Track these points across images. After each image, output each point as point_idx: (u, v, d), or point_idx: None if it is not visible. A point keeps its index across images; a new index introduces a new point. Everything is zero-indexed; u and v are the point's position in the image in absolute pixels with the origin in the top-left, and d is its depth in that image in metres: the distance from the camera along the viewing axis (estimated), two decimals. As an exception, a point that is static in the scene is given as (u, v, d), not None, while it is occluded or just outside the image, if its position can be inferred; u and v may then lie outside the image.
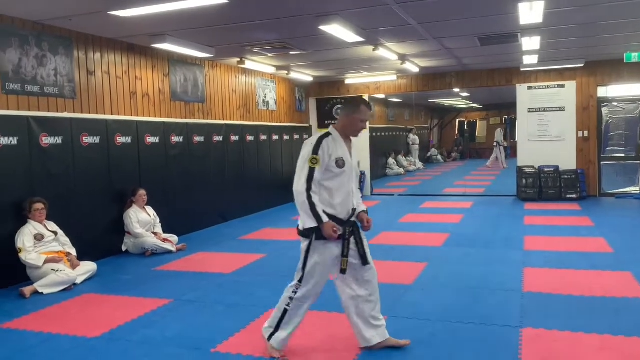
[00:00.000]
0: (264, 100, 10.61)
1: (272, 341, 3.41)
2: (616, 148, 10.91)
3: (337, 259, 3.32)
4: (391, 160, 18.48)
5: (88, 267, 5.63)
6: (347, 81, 12.09)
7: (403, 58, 9.18)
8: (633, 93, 10.71)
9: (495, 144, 19.40)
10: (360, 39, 7.00)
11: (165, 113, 7.79)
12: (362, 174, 11.80)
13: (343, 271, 3.34)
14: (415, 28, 6.82)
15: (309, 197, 3.23)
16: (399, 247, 6.73)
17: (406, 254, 6.33)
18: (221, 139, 8.86)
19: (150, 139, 7.29)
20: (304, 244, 3.34)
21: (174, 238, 7.04)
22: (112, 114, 6.83)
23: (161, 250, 6.68)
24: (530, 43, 8.00)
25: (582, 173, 10.56)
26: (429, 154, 23.67)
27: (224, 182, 8.93)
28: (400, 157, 19.50)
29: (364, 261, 3.39)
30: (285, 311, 3.37)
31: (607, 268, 5.37)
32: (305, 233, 3.31)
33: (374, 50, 7.96)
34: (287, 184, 12.39)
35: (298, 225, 3.39)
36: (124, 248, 6.77)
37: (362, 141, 12.41)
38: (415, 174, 18.81)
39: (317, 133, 3.38)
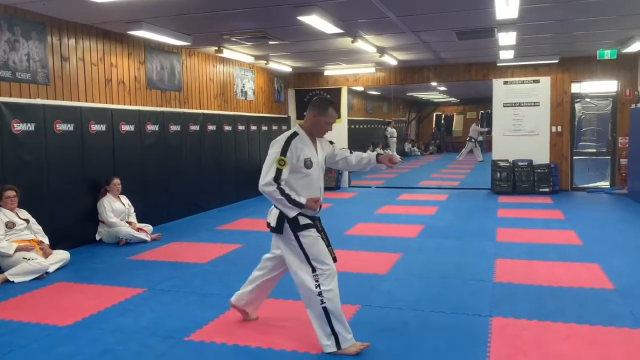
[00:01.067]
0: (242, 90, 10.56)
1: (344, 346, 3.28)
2: (588, 143, 11.16)
3: (320, 236, 3.42)
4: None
5: (61, 256, 5.56)
6: (326, 72, 12.09)
7: (381, 51, 9.22)
8: (605, 90, 10.95)
9: (468, 138, 19.58)
10: (339, 31, 7.00)
11: (140, 101, 7.70)
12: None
13: (335, 259, 3.44)
14: (393, 21, 6.85)
15: (282, 191, 3.27)
16: (374, 238, 6.80)
17: (381, 244, 6.39)
18: (198, 129, 8.79)
19: (126, 127, 7.20)
20: (291, 241, 3.36)
21: (148, 227, 6.98)
22: (86, 101, 6.72)
23: (135, 240, 6.62)
24: (507, 38, 8.10)
25: (555, 167, 10.78)
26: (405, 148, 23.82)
27: (200, 172, 8.88)
28: (379, 150, 19.60)
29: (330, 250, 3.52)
30: (325, 310, 3.26)
31: (575, 260, 5.51)
32: (277, 228, 3.36)
33: (352, 42, 7.98)
34: (264, 175, 12.13)
35: (269, 223, 3.42)
36: (97, 237, 6.70)
37: (340, 133, 12.43)
38: (403, 161, 18.92)
39: (284, 132, 3.47)
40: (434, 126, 26.87)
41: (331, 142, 3.68)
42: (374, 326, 3.77)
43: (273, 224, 3.39)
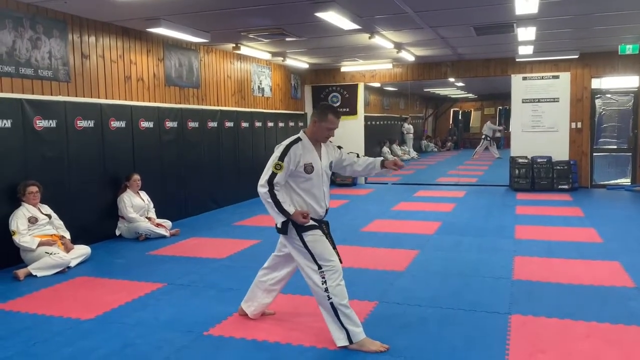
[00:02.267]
0: (259, 86, 10.59)
1: (355, 339, 3.32)
2: (608, 140, 10.99)
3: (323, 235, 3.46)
4: (385, 149, 18.50)
5: (82, 251, 5.65)
6: (342, 69, 12.07)
7: (399, 46, 9.18)
8: (626, 85, 10.76)
9: (483, 136, 19.36)
10: (356, 27, 6.99)
11: (159, 98, 7.77)
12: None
13: (339, 261, 3.45)
14: (411, 16, 6.82)
15: (273, 195, 3.37)
16: (391, 235, 6.79)
17: (399, 241, 6.38)
18: (215, 125, 8.85)
19: (145, 124, 7.28)
20: (295, 241, 3.43)
21: (167, 223, 7.06)
22: (106, 98, 6.81)
23: (155, 235, 6.70)
24: (526, 33, 8.01)
25: (575, 164, 10.64)
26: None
27: (218, 168, 8.94)
28: (395, 146, 19.54)
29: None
30: (332, 305, 3.33)
31: (595, 258, 5.45)
32: (282, 229, 3.44)
33: (369, 38, 7.96)
34: (281, 171, 12.09)
35: (276, 224, 3.49)
36: (117, 232, 6.79)
37: (356, 130, 12.43)
38: (409, 162, 18.82)
39: (289, 137, 3.54)
40: (451, 122, 26.70)
41: (339, 147, 3.72)
42: (392, 323, 3.77)
43: (279, 225, 3.45)
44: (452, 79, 12.80)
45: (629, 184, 10.76)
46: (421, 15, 6.86)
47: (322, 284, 3.35)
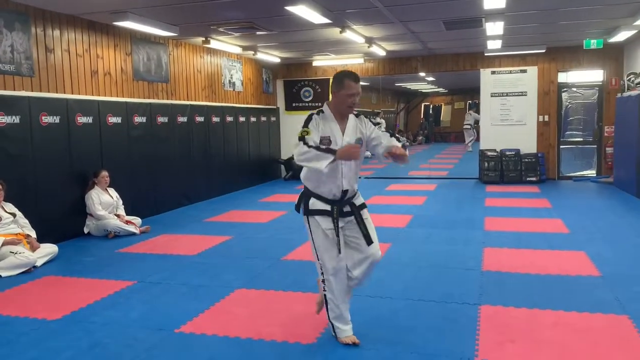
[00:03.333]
0: (230, 80, 10.49)
1: (339, 336, 3.34)
2: (575, 132, 11.25)
3: (331, 231, 3.22)
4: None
5: (48, 250, 5.52)
6: (314, 63, 12.04)
7: (370, 41, 9.20)
8: (591, 79, 11.03)
9: (468, 126, 19.75)
10: (327, 21, 6.98)
11: (127, 93, 7.62)
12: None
13: (339, 250, 3.27)
14: (381, 11, 6.83)
15: (308, 145, 3.08)
16: (364, 229, 6.81)
17: (371, 235, 6.40)
18: (186, 120, 8.74)
19: (113, 119, 7.14)
20: (305, 223, 3.33)
21: (137, 220, 6.95)
22: (72, 93, 6.64)
23: (124, 233, 6.59)
24: (494, 28, 8.12)
25: (542, 156, 10.86)
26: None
27: (188, 163, 8.84)
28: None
29: (368, 240, 3.27)
30: (324, 298, 3.32)
31: (562, 248, 5.57)
32: (297, 207, 3.35)
33: (341, 32, 7.95)
34: (254, 166, 12.37)
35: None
36: (85, 230, 6.65)
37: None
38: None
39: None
40: (422, 116, 26.93)
41: (377, 124, 3.36)
42: (364, 315, 3.79)
43: (296, 202, 3.33)
44: (422, 74, 12.89)
45: (595, 175, 11.04)
46: (391, 10, 6.89)
47: (320, 274, 3.32)
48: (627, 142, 9.07)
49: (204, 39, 8.63)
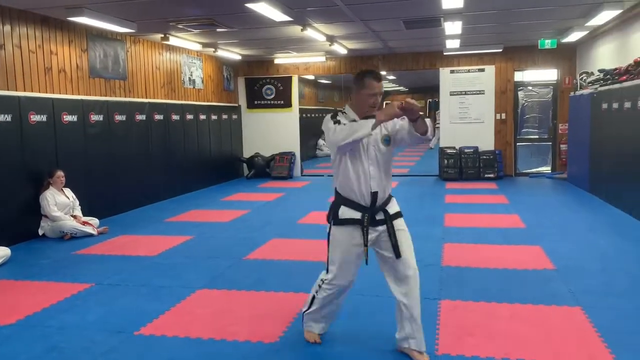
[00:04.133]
0: (189, 78, 10.34)
1: (305, 326, 3.33)
2: (530, 130, 11.59)
3: (359, 246, 3.02)
4: (321, 142, 18.61)
5: (0, 253, 5.32)
6: (276, 61, 12.00)
7: (331, 39, 9.23)
8: (546, 78, 11.37)
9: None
10: (287, 19, 6.96)
11: (83, 90, 7.42)
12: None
13: (366, 261, 3.08)
14: (341, 9, 6.86)
15: (343, 127, 2.87)
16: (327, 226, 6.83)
17: (333, 232, 6.43)
18: (144, 118, 8.57)
19: (68, 118, 6.94)
20: (327, 228, 3.14)
21: (94, 221, 6.78)
22: (24, 91, 6.42)
23: (81, 234, 6.42)
24: (452, 27, 8.27)
25: (500, 154, 11.13)
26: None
27: (148, 162, 8.67)
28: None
29: (396, 252, 3.03)
30: (313, 297, 3.22)
31: (519, 243, 5.73)
32: (327, 218, 3.13)
33: (302, 30, 7.95)
34: (216, 165, 12.21)
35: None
36: (40, 232, 6.45)
37: (291, 123, 12.43)
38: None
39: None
40: (384, 114, 27.21)
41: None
42: (327, 313, 3.80)
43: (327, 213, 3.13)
44: (384, 72, 13.02)
45: (550, 172, 11.39)
46: (351, 8, 6.92)
47: (320, 279, 3.19)
48: (580, 139, 9.39)
49: (162, 35, 8.48)
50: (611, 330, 3.38)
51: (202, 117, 10.47)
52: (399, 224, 3.10)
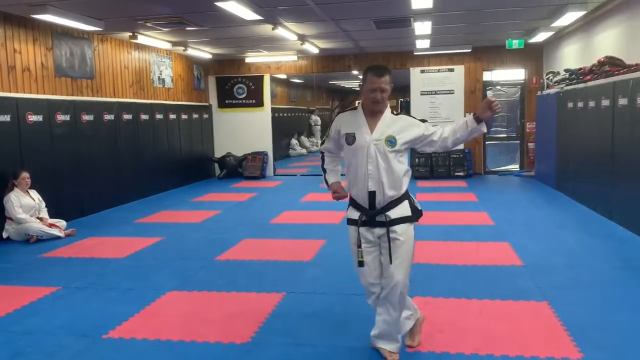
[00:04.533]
0: (159, 77, 10.20)
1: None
2: (499, 129, 11.79)
3: (355, 246, 3.05)
4: (294, 141, 18.60)
5: (-38, 257, 5.17)
6: (247, 60, 11.93)
7: (302, 38, 9.22)
8: (514, 78, 11.59)
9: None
10: (258, 17, 6.92)
11: (49, 89, 7.25)
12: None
13: (359, 263, 3.02)
14: (312, 9, 6.86)
15: (322, 160, 3.26)
16: (300, 226, 6.84)
17: (306, 232, 6.44)
18: (113, 118, 8.42)
19: (33, 118, 6.77)
20: None
21: (61, 223, 6.63)
22: (-14, 90, 6.25)
23: (47, 236, 6.27)
24: (422, 28, 8.35)
25: (469, 152, 11.30)
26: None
27: (116, 163, 8.52)
28: (303, 138, 19.68)
29: (390, 260, 2.97)
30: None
31: (488, 239, 5.82)
32: None
33: (273, 29, 7.92)
34: (186, 165, 12.05)
35: None
36: (4, 235, 6.28)
37: (263, 122, 12.37)
38: (317, 154, 19.06)
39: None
40: (356, 114, 27.30)
41: (423, 121, 3.10)
42: (300, 312, 3.81)
43: None
44: (355, 72, 13.07)
45: (518, 170, 11.61)
46: (322, 8, 6.93)
47: None
48: (547, 137, 9.60)
49: (131, 34, 8.34)
50: (576, 324, 3.46)
51: (172, 116, 10.34)
52: (399, 231, 2.97)
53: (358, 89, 24.49)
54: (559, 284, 4.29)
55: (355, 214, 3.04)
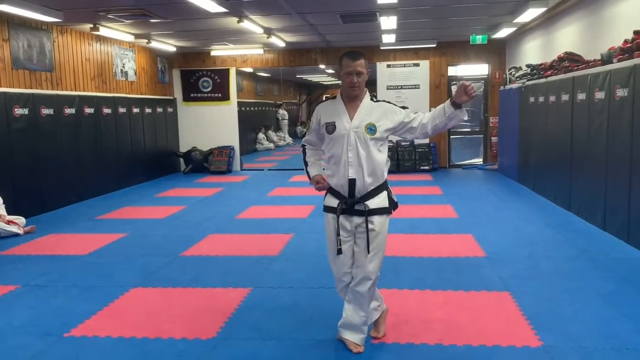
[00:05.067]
0: (122, 70, 9.99)
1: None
2: (463, 123, 11.89)
3: (334, 233, 3.04)
4: (261, 135, 18.50)
5: None
6: (213, 53, 11.79)
7: (269, 32, 9.16)
8: (478, 72, 11.78)
9: None
10: (223, 10, 6.85)
11: (6, 82, 7.00)
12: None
13: (338, 251, 3.01)
14: (278, 1, 6.82)
15: (304, 153, 3.26)
16: (267, 220, 6.81)
17: (274, 226, 6.42)
18: (74, 112, 8.20)
19: (-11, 111, 6.54)
20: None
21: (20, 220, 6.43)
22: (-62, 82, 6.00)
23: (5, 234, 6.08)
24: (388, 22, 8.40)
25: (434, 146, 11.45)
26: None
27: (78, 158, 8.31)
28: (270, 132, 19.59)
29: (368, 250, 2.97)
30: None
31: (452, 232, 5.93)
32: None
33: (238, 22, 7.84)
34: (151, 160, 11.87)
35: None
36: (-40, 233, 6.07)
37: (230, 116, 12.25)
38: (284, 148, 19.07)
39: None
40: (323, 108, 27.33)
41: (404, 107, 3.07)
42: (266, 307, 3.80)
43: None
44: (322, 66, 13.07)
45: (481, 163, 11.83)
46: (288, 1, 6.89)
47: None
48: (509, 131, 9.80)
49: (92, 25, 8.12)
50: (536, 313, 3.56)
51: (136, 110, 10.15)
52: (375, 222, 2.98)
53: (326, 83, 24.56)
54: (520, 274, 4.40)
55: (334, 202, 3.03)
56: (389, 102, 3.10)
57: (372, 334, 3.26)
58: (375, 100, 3.06)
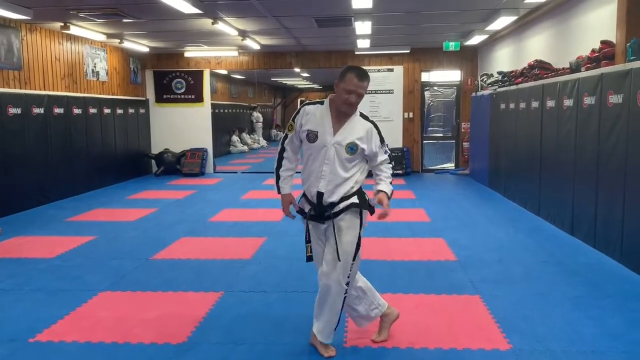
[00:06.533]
0: (93, 70, 9.81)
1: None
2: (436, 128, 12.13)
3: (318, 238, 3.07)
4: (235, 138, 18.39)
5: None
6: (186, 54, 11.68)
7: (243, 34, 9.13)
8: (450, 79, 11.95)
9: None
10: (197, 11, 6.79)
11: (-29, 80, 6.82)
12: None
13: (307, 258, 3.07)
14: (253, 4, 6.80)
15: (278, 166, 3.13)
16: (240, 224, 6.76)
17: (247, 229, 6.39)
18: (42, 111, 8.01)
19: (-47, 109, 6.35)
20: None
21: (-15, 222, 6.26)
22: None
23: (-31, 236, 5.91)
24: (363, 27, 8.46)
25: (407, 151, 11.56)
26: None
27: (46, 158, 8.12)
28: (244, 135, 19.49)
29: (339, 257, 2.94)
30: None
31: (424, 235, 5.98)
32: None
33: (213, 23, 7.80)
34: (122, 161, 11.71)
35: None
36: None
37: (203, 118, 12.15)
38: (259, 151, 18.99)
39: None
40: (298, 111, 27.34)
41: (382, 141, 3.03)
42: (238, 311, 3.77)
43: None
44: (297, 69, 13.08)
45: (453, 168, 11.99)
46: (263, 4, 6.88)
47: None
48: (480, 137, 9.96)
49: (62, 24, 7.96)
50: (506, 316, 3.61)
51: (107, 111, 9.98)
52: (345, 219, 2.96)
53: (301, 86, 24.55)
54: (489, 277, 4.46)
55: (306, 207, 3.05)
56: (376, 126, 3.02)
57: (372, 338, 3.26)
58: (363, 117, 3.01)
